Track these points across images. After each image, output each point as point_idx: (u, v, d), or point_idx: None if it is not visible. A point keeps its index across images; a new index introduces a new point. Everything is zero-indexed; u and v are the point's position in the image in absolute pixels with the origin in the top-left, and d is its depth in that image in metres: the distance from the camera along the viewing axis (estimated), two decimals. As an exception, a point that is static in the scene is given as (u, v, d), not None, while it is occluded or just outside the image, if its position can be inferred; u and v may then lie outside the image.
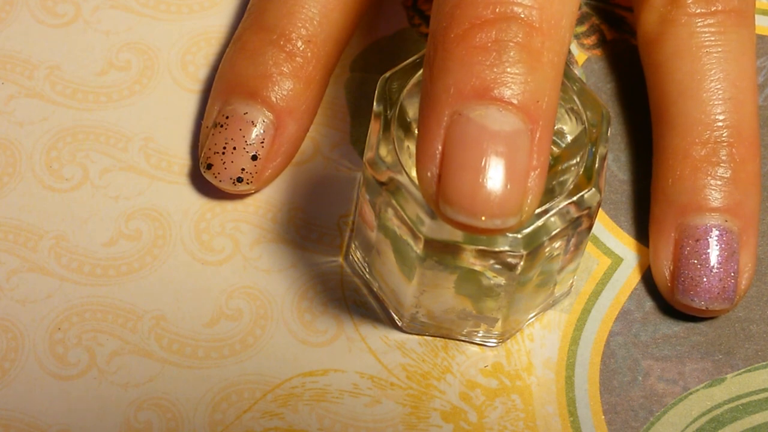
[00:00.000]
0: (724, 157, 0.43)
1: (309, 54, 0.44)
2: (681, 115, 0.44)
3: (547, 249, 0.39)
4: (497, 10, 0.34)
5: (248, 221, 0.45)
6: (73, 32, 0.48)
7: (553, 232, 0.38)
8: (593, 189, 0.39)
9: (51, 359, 0.43)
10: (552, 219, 0.38)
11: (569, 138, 0.40)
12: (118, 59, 0.47)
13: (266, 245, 0.45)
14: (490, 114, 0.33)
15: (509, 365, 0.43)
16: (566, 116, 0.40)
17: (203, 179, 0.45)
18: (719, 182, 0.43)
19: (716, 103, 0.43)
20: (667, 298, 0.44)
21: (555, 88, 0.34)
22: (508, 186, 0.33)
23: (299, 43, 0.44)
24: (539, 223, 0.38)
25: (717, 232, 0.43)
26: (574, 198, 0.39)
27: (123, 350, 0.43)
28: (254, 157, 0.43)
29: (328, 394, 0.42)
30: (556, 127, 0.40)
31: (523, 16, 0.34)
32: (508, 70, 0.33)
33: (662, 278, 0.44)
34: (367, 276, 0.44)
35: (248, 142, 0.43)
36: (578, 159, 0.39)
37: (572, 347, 0.44)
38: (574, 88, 0.40)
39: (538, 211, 0.38)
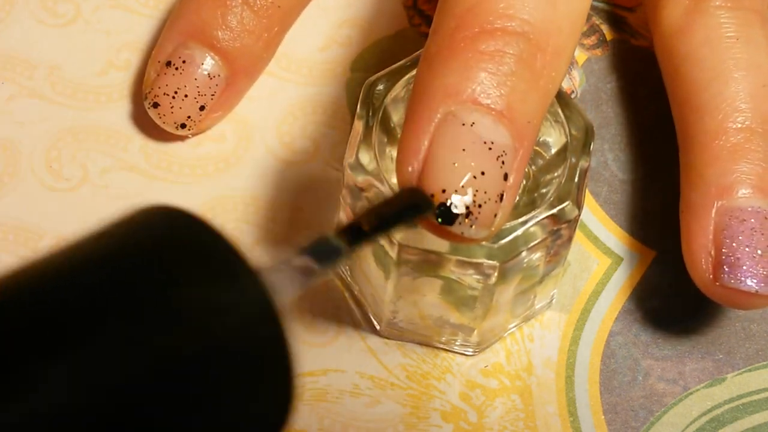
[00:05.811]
0: (762, 141, 0.42)
1: (275, 18, 0.45)
2: (715, 99, 0.42)
3: (526, 260, 0.39)
4: (508, 25, 0.34)
5: (248, 221, 0.45)
6: (73, 32, 0.48)
7: (532, 243, 0.38)
8: (571, 203, 0.39)
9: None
10: (532, 229, 0.38)
11: (553, 150, 0.40)
12: (118, 59, 0.47)
13: (267, 245, 0.44)
14: (485, 123, 0.33)
15: (509, 365, 0.43)
16: (552, 128, 0.40)
17: (203, 180, 0.45)
18: (759, 165, 0.41)
19: (752, 87, 0.43)
20: (704, 287, 0.41)
21: (543, 112, 0.35)
22: (486, 199, 0.33)
23: (267, 5, 0.45)
24: (518, 233, 0.38)
25: (762, 214, 0.42)
26: (554, 210, 0.39)
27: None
28: (202, 108, 0.44)
29: (328, 394, 0.42)
30: (541, 139, 0.40)
31: (532, 36, 0.34)
32: (515, 86, 0.33)
33: (700, 265, 0.41)
34: (348, 279, 0.43)
35: (200, 93, 0.44)
36: (560, 171, 0.39)
37: (572, 347, 0.44)
38: (560, 101, 0.40)
39: (518, 221, 0.38)
